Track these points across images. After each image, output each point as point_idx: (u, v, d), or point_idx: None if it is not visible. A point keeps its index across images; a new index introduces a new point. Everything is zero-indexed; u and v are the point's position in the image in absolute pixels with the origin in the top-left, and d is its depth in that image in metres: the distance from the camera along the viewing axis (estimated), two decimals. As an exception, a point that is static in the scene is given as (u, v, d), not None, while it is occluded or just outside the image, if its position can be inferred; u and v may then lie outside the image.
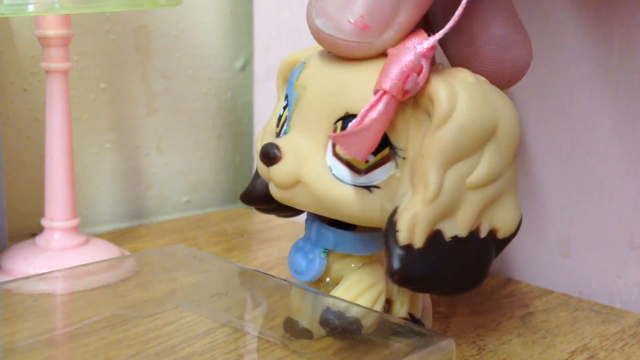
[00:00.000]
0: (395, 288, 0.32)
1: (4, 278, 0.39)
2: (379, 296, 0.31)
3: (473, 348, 0.34)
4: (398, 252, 0.27)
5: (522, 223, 0.30)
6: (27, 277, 0.32)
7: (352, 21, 0.27)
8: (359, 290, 0.30)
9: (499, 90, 0.29)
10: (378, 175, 0.28)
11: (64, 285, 0.33)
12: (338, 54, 0.29)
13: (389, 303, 0.32)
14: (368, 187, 0.28)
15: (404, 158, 0.28)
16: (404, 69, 0.27)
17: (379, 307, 0.31)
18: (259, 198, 0.33)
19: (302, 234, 0.33)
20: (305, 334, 0.31)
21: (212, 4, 0.57)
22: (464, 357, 0.33)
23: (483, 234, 0.29)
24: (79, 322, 0.32)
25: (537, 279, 0.42)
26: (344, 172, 0.28)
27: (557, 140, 0.41)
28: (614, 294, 0.39)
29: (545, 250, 0.42)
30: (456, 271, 0.28)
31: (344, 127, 0.28)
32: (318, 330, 0.31)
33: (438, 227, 0.28)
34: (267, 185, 0.32)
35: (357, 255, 0.31)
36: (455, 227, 0.28)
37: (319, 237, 0.31)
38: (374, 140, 0.27)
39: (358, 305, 0.30)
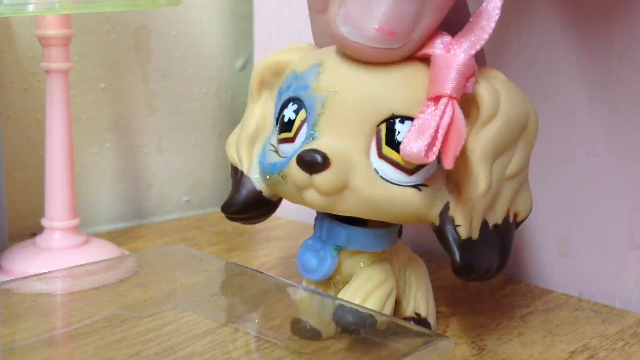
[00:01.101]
0: (402, 287, 0.32)
1: (4, 278, 0.39)
2: (390, 293, 0.31)
3: (473, 348, 0.34)
4: (462, 245, 0.29)
5: (523, 223, 0.32)
6: (27, 277, 0.32)
7: (378, 27, 0.27)
8: (370, 287, 0.30)
9: (519, 87, 0.31)
10: (424, 174, 0.29)
11: (64, 285, 0.33)
12: (363, 60, 0.29)
13: (396, 302, 0.32)
14: (417, 186, 0.29)
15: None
16: (463, 72, 0.27)
17: (390, 304, 0.31)
18: (242, 209, 0.33)
19: (302, 233, 0.33)
20: (313, 333, 0.31)
21: (212, 4, 0.57)
22: (464, 357, 0.33)
23: (511, 219, 0.31)
24: (79, 322, 0.32)
25: (537, 279, 0.42)
26: (392, 173, 0.28)
27: (557, 140, 0.41)
28: (614, 293, 0.39)
29: (545, 250, 0.42)
30: (500, 256, 0.30)
31: (389, 129, 0.28)
32: (327, 331, 0.30)
33: (484, 217, 0.29)
34: (250, 196, 0.32)
35: (368, 252, 0.31)
36: (495, 216, 0.30)
37: (331, 234, 0.31)
38: (460, 145, 0.27)
39: (364, 307, 0.30)
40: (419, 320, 0.33)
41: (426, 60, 0.29)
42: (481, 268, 0.29)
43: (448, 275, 0.43)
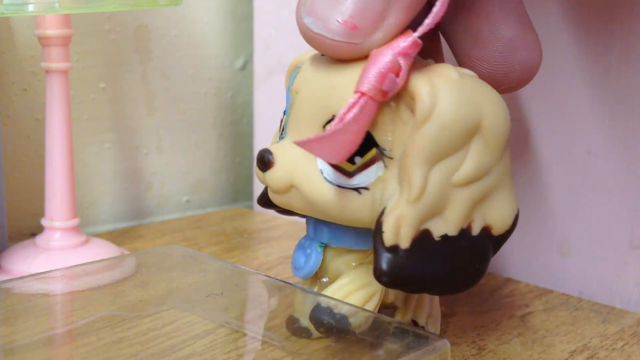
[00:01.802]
0: (400, 294, 0.32)
1: (3, 278, 0.39)
2: (371, 296, 0.31)
3: (473, 348, 0.34)
4: (384, 253, 0.27)
5: (523, 223, 0.30)
6: (27, 277, 0.32)
7: (341, 21, 0.27)
8: (350, 288, 0.30)
9: (485, 85, 0.29)
10: (366, 177, 0.28)
11: (63, 285, 0.33)
12: (326, 54, 0.29)
13: (393, 309, 0.32)
14: (357, 189, 0.28)
15: (391, 158, 0.28)
16: (381, 70, 0.27)
17: (370, 307, 0.30)
18: (268, 202, 0.33)
19: (302, 233, 0.33)
20: (305, 332, 0.31)
21: (212, 4, 0.57)
22: (464, 357, 0.33)
23: (476, 231, 0.28)
24: (78, 321, 0.32)
25: (537, 279, 0.42)
26: (333, 175, 0.28)
27: (557, 140, 0.40)
28: (614, 293, 0.39)
29: (545, 250, 0.42)
30: (449, 270, 0.28)
31: None
32: (316, 330, 0.31)
33: (425, 226, 0.27)
34: None
35: (353, 250, 0.31)
36: (445, 226, 0.28)
37: (316, 231, 0.31)
38: (353, 142, 0.27)
39: (348, 303, 0.30)
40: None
41: None
42: (411, 279, 0.27)
43: (448, 275, 0.43)
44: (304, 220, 0.33)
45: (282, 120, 0.31)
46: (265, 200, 0.33)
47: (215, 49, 0.58)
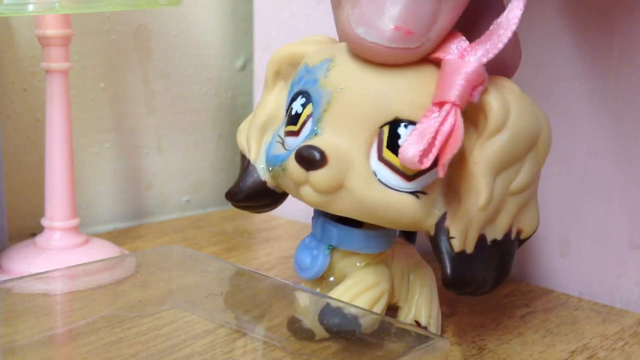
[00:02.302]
0: (404, 293, 0.32)
1: (4, 278, 0.39)
2: (380, 297, 0.31)
3: (473, 348, 0.34)
4: (453, 258, 0.28)
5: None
6: (27, 277, 0.32)
7: (395, 27, 0.27)
8: (358, 289, 0.30)
9: (532, 99, 0.30)
10: (424, 181, 0.28)
11: (63, 285, 0.33)
12: (380, 62, 0.28)
13: (395, 309, 0.32)
14: (415, 193, 0.28)
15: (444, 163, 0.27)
16: (471, 80, 0.27)
17: (379, 308, 0.30)
18: (246, 198, 0.33)
19: (302, 233, 0.33)
20: (307, 333, 0.31)
21: (212, 4, 0.57)
22: (464, 357, 0.33)
23: (513, 235, 0.29)
24: (78, 321, 0.32)
25: (537, 278, 0.42)
26: (390, 177, 0.28)
27: (557, 140, 0.40)
28: (614, 293, 0.39)
29: (545, 250, 0.42)
30: (494, 272, 0.29)
31: (391, 132, 0.28)
32: (320, 331, 0.30)
33: (482, 231, 0.28)
34: (255, 186, 0.32)
35: (362, 253, 0.31)
36: (495, 231, 0.29)
37: (324, 233, 0.31)
38: (449, 154, 0.26)
39: (356, 306, 0.29)
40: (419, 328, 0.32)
41: (438, 64, 0.28)
42: (473, 283, 0.28)
43: (448, 275, 0.43)
44: (304, 220, 0.33)
45: (299, 113, 0.29)
46: (237, 197, 0.32)
47: (215, 49, 0.58)
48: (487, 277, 0.29)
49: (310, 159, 0.27)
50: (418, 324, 0.32)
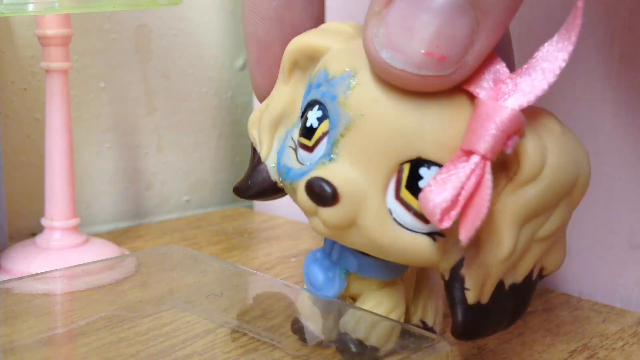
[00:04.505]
0: (410, 293, 0.31)
1: (3, 277, 0.39)
2: (398, 320, 0.30)
3: (473, 347, 0.34)
4: (466, 309, 0.26)
5: None
6: (26, 277, 0.32)
7: (426, 52, 0.23)
8: (377, 316, 0.29)
9: (576, 137, 0.27)
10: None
11: (63, 285, 0.33)
12: (410, 89, 0.24)
13: None
14: (431, 235, 0.26)
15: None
16: (505, 130, 0.23)
17: (396, 333, 0.30)
18: (256, 195, 0.31)
19: (302, 233, 0.33)
20: (312, 337, 0.30)
21: (212, 4, 0.57)
22: (464, 357, 0.33)
23: (535, 275, 0.27)
24: (78, 321, 0.32)
25: (537, 278, 0.42)
26: (406, 217, 0.25)
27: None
28: (614, 293, 0.39)
29: (545, 249, 0.42)
30: (509, 316, 0.27)
31: (412, 171, 0.25)
32: (328, 336, 0.30)
33: (501, 279, 0.26)
34: (265, 184, 0.30)
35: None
36: (514, 276, 0.27)
37: (342, 258, 0.29)
38: (479, 220, 0.23)
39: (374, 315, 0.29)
40: (425, 328, 0.32)
41: (471, 95, 0.25)
42: (485, 332, 0.27)
43: (448, 275, 0.43)
44: (304, 220, 0.32)
45: (314, 127, 0.27)
46: (246, 194, 0.31)
47: (215, 49, 0.58)
48: (501, 323, 0.27)
49: (321, 195, 0.25)
50: (424, 324, 0.32)
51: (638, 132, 0.38)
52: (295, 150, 0.28)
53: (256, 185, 0.31)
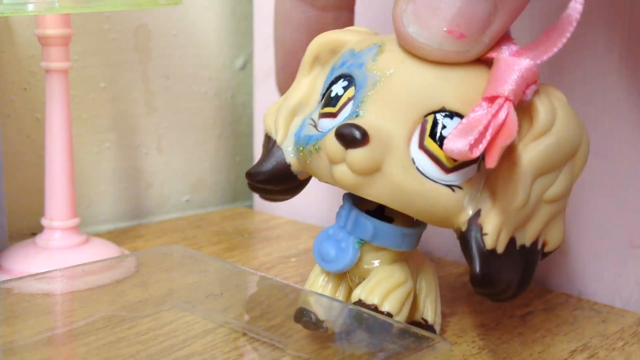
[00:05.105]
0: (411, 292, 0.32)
1: (3, 277, 0.39)
2: (409, 294, 0.30)
3: (473, 347, 0.34)
4: (484, 255, 0.27)
5: None
6: (27, 277, 0.32)
7: (447, 30, 0.26)
8: (390, 285, 0.30)
9: (577, 114, 0.30)
10: (462, 175, 0.28)
11: (63, 285, 0.33)
12: (429, 59, 0.27)
13: None
14: (451, 186, 0.28)
15: (484, 159, 0.27)
16: (525, 78, 0.26)
17: (407, 306, 0.30)
18: (267, 180, 0.32)
19: (302, 233, 0.33)
20: (319, 327, 0.30)
21: (212, 4, 0.57)
22: (464, 357, 0.33)
23: (539, 246, 0.29)
24: (78, 321, 0.32)
25: (537, 278, 0.42)
26: (429, 167, 0.27)
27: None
28: (614, 293, 0.39)
29: (545, 249, 0.42)
30: (519, 278, 0.28)
31: (436, 121, 0.27)
32: (332, 326, 0.30)
33: (513, 234, 0.28)
34: (278, 168, 0.31)
35: (390, 250, 0.30)
36: (523, 237, 0.28)
37: (357, 226, 0.30)
38: (507, 142, 0.26)
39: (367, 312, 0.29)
40: (426, 326, 0.32)
41: (489, 62, 0.28)
42: (499, 283, 0.28)
43: (448, 275, 0.43)
44: (304, 220, 0.32)
45: (339, 95, 0.29)
46: (258, 178, 0.32)
47: (215, 49, 0.58)
48: (512, 280, 0.28)
49: (351, 137, 0.27)
50: (425, 321, 0.32)
51: (638, 132, 0.38)
52: (315, 126, 0.30)
53: (269, 169, 0.32)
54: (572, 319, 0.37)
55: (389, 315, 0.29)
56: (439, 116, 0.27)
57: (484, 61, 0.28)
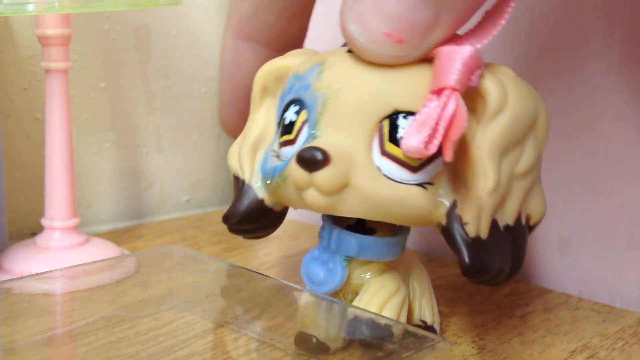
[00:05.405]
0: (410, 295, 0.32)
1: (3, 277, 0.39)
2: (404, 301, 0.30)
3: (473, 347, 0.34)
4: (470, 244, 0.27)
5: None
6: (27, 277, 0.32)
7: (387, 33, 0.26)
8: (384, 296, 0.30)
9: (529, 84, 0.30)
10: (429, 172, 0.28)
11: (63, 285, 0.33)
12: (369, 61, 0.27)
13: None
14: (421, 184, 0.28)
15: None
16: (468, 65, 0.26)
17: (405, 312, 0.30)
18: (243, 220, 0.32)
19: (302, 233, 0.33)
20: (322, 348, 0.30)
21: (212, 4, 0.57)
22: (464, 356, 0.33)
23: (523, 221, 0.29)
24: (78, 321, 0.32)
25: (537, 278, 0.42)
26: (395, 170, 0.27)
27: (557, 139, 0.40)
28: (614, 293, 0.39)
29: (545, 250, 0.42)
30: (510, 259, 0.28)
31: (392, 125, 0.27)
32: (335, 343, 0.30)
33: (494, 217, 0.28)
34: (252, 206, 0.31)
35: (378, 262, 0.30)
36: (505, 217, 0.28)
37: (341, 244, 0.30)
38: (460, 135, 0.26)
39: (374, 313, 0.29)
40: (426, 327, 0.32)
41: (433, 59, 0.28)
42: (492, 269, 0.28)
43: (448, 275, 0.43)
44: (304, 220, 0.33)
45: (292, 122, 0.29)
46: (235, 219, 0.32)
47: (215, 49, 0.58)
48: (503, 264, 0.28)
49: (312, 160, 0.27)
50: (424, 323, 0.32)
51: (638, 132, 0.38)
52: (278, 156, 0.30)
53: (243, 209, 0.32)
54: (572, 319, 0.37)
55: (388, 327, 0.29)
56: (394, 119, 0.27)
57: (428, 59, 0.28)
